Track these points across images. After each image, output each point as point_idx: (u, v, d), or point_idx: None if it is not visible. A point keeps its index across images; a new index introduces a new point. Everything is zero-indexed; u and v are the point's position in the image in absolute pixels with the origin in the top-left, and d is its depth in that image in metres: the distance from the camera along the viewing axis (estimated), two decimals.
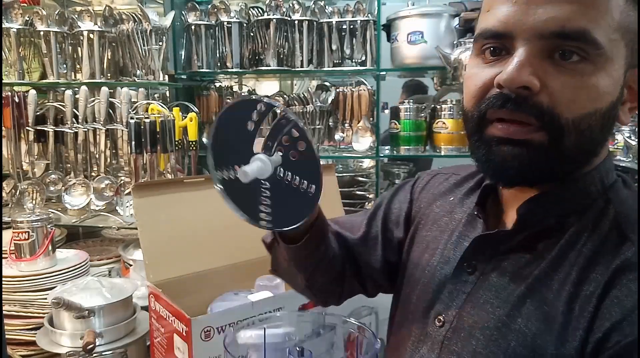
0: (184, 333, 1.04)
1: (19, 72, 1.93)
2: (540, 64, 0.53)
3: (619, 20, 0.52)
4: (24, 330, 1.37)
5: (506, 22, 0.53)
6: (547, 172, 0.56)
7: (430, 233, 0.75)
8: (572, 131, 0.53)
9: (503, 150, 0.55)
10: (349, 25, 2.13)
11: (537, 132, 0.53)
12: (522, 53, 0.52)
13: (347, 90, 2.18)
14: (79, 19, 1.91)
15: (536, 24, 0.52)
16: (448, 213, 0.74)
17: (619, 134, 1.77)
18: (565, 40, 0.51)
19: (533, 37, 0.52)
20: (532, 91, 0.52)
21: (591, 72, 0.52)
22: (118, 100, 1.84)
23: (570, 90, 0.52)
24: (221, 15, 2.14)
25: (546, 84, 0.52)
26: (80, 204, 1.88)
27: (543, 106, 0.52)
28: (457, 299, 0.65)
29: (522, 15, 0.52)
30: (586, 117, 0.53)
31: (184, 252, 1.27)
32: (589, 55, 0.51)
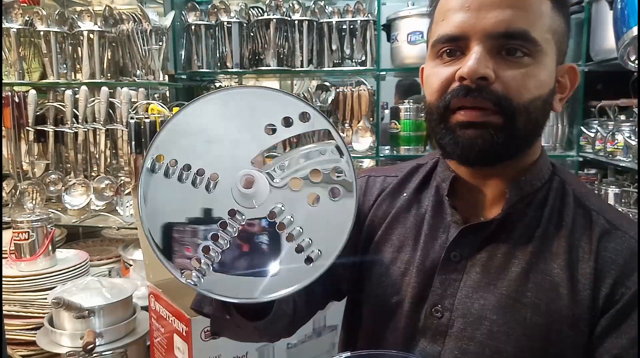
0: (184, 333, 1.04)
1: (19, 72, 1.93)
2: (492, 59, 0.62)
3: (549, 23, 0.64)
4: (24, 330, 1.37)
5: (461, 27, 0.63)
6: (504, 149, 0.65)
7: (393, 232, 0.77)
8: (522, 112, 0.63)
9: (467, 133, 0.64)
10: (349, 25, 2.13)
11: (494, 115, 0.63)
12: (477, 51, 0.62)
13: (347, 90, 2.18)
14: (79, 19, 1.91)
15: (486, 27, 0.62)
16: (406, 210, 0.77)
17: (619, 134, 1.77)
18: (511, 40, 0.62)
19: (484, 38, 0.62)
20: (488, 81, 0.62)
21: (532, 64, 0.63)
22: (118, 100, 1.84)
23: (518, 79, 0.62)
24: (221, 15, 2.14)
25: (499, 75, 0.62)
26: (80, 204, 1.88)
27: (499, 93, 0.62)
28: (451, 287, 0.69)
29: (474, 20, 0.62)
30: (533, 101, 0.63)
31: None
32: (529, 51, 0.62)
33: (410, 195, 0.78)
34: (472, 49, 0.62)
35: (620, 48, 1.31)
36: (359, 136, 2.18)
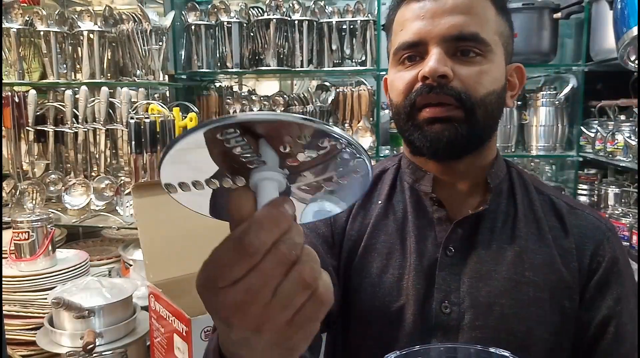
0: (184, 333, 1.04)
1: (19, 72, 1.93)
2: (449, 60, 0.69)
3: (496, 27, 0.71)
4: (24, 330, 1.37)
5: (419, 34, 0.70)
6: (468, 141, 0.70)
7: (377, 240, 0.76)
8: (480, 105, 0.69)
9: (434, 127, 0.70)
10: (349, 25, 2.13)
11: (456, 109, 0.69)
12: (436, 52, 0.69)
13: (347, 90, 2.18)
14: (79, 19, 1.91)
15: (441, 31, 0.69)
16: (384, 217, 0.78)
17: (619, 134, 1.77)
18: (464, 41, 0.69)
19: (440, 41, 0.69)
20: (448, 79, 0.68)
21: (484, 63, 0.70)
22: (118, 100, 1.84)
23: (473, 76, 0.69)
24: (221, 15, 2.14)
25: (456, 73, 0.69)
26: (80, 204, 1.88)
27: (458, 89, 0.68)
28: (453, 282, 0.72)
29: (430, 26, 0.69)
30: (488, 95, 0.70)
31: (184, 252, 1.27)
32: (481, 51, 0.69)
33: (384, 202, 0.79)
34: (430, 52, 0.69)
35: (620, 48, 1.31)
36: (359, 136, 2.18)
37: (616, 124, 1.84)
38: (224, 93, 2.28)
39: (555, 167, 2.39)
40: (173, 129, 1.79)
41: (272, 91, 2.36)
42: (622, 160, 1.72)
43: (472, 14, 0.69)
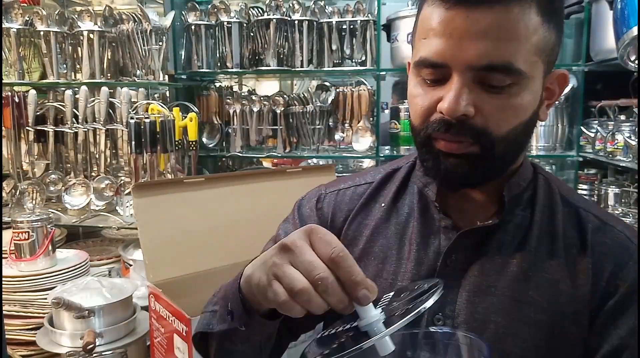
0: (184, 333, 1.04)
1: (19, 72, 1.93)
2: (474, 91, 0.61)
3: (536, 44, 0.61)
4: (24, 330, 1.37)
5: (443, 55, 0.61)
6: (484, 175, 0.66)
7: (374, 244, 0.74)
8: (501, 142, 0.63)
9: (448, 161, 0.64)
10: (349, 25, 2.12)
11: (472, 146, 0.63)
12: (458, 82, 0.60)
13: (347, 90, 2.18)
14: (79, 19, 1.91)
15: (469, 58, 0.59)
16: (385, 221, 0.75)
17: (619, 134, 1.77)
18: (493, 72, 0.60)
19: (467, 69, 0.60)
20: (468, 116, 0.61)
21: (517, 93, 0.61)
22: (118, 100, 1.84)
23: (499, 111, 0.61)
24: (221, 15, 2.14)
25: (480, 108, 0.61)
26: (80, 204, 1.88)
27: (478, 126, 0.62)
28: (450, 294, 0.68)
29: (456, 50, 0.60)
30: (513, 131, 0.63)
31: (184, 252, 1.27)
32: (513, 81, 0.60)
33: (388, 204, 0.76)
34: (453, 79, 0.61)
35: (620, 48, 1.31)
36: (359, 136, 2.18)
37: (616, 124, 1.84)
38: (224, 93, 2.28)
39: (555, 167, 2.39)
40: (173, 129, 1.79)
41: (272, 91, 2.36)
42: (622, 160, 1.72)
43: (507, 38, 0.59)
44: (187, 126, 1.86)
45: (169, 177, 1.79)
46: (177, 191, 1.30)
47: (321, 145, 2.21)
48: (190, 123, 1.86)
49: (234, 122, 2.21)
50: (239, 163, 2.47)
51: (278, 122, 2.18)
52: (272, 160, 2.61)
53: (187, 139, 1.89)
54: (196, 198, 1.32)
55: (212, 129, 2.29)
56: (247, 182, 1.41)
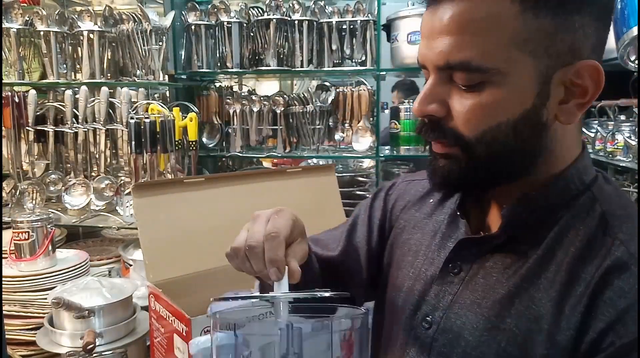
0: (184, 333, 1.04)
1: (19, 72, 1.93)
2: (445, 90, 0.59)
3: (511, 37, 0.54)
4: (24, 330, 1.37)
5: (421, 56, 0.61)
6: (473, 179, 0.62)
7: (412, 237, 0.77)
8: (476, 144, 0.58)
9: (438, 162, 0.63)
10: (349, 25, 2.12)
11: (453, 147, 0.60)
12: (429, 83, 0.60)
13: (347, 90, 2.18)
14: (79, 19, 1.91)
15: (432, 57, 0.58)
16: (429, 216, 0.76)
17: (619, 134, 1.77)
18: (454, 71, 0.57)
19: (435, 69, 0.59)
20: (438, 116, 0.59)
21: (489, 90, 0.56)
22: (118, 100, 1.84)
23: (467, 111, 0.57)
24: (221, 15, 2.14)
25: (450, 107, 0.59)
26: (80, 204, 1.88)
27: (449, 128, 0.59)
28: (444, 300, 0.67)
29: (426, 49, 0.59)
30: (487, 132, 0.57)
31: (184, 252, 1.27)
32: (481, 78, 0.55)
33: (437, 201, 0.77)
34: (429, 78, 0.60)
35: (620, 48, 1.31)
36: (359, 136, 2.18)
37: (616, 124, 1.84)
38: (224, 93, 2.28)
39: None
40: (173, 129, 1.79)
41: (272, 91, 2.36)
42: (622, 160, 1.72)
43: (468, 33, 0.54)
44: (187, 126, 1.86)
45: (169, 177, 1.79)
46: (177, 191, 1.30)
47: (321, 145, 2.21)
48: (190, 123, 1.86)
49: (234, 122, 2.21)
50: (239, 163, 2.47)
51: (278, 122, 2.18)
52: (272, 160, 2.61)
53: (187, 139, 1.89)
54: (196, 198, 1.32)
55: (212, 129, 2.29)
56: (247, 182, 1.41)
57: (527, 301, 0.58)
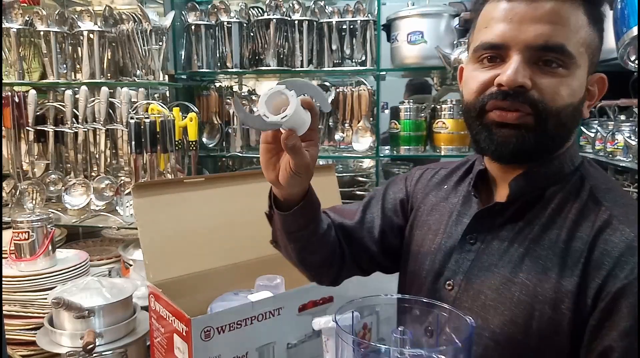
0: (184, 333, 1.04)
1: (19, 72, 1.93)
2: (530, 68, 0.69)
3: (584, 37, 0.70)
4: (24, 330, 1.37)
5: (503, 37, 0.70)
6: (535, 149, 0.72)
7: (431, 218, 0.89)
8: (554, 116, 0.70)
9: (502, 132, 0.72)
10: (349, 25, 2.13)
11: (528, 116, 0.70)
12: (516, 60, 0.69)
13: (347, 90, 2.18)
14: (79, 19, 1.91)
15: (527, 39, 0.68)
16: (444, 199, 0.89)
17: (619, 134, 1.77)
18: (548, 52, 0.68)
19: (524, 49, 0.69)
20: (525, 88, 0.69)
21: (566, 75, 0.70)
22: (118, 100, 1.84)
23: (553, 87, 0.69)
24: (221, 15, 2.14)
25: (535, 82, 0.69)
26: (80, 204, 1.88)
27: (535, 97, 0.69)
28: (463, 266, 0.79)
29: (516, 31, 0.69)
30: (565, 108, 0.70)
31: (184, 252, 1.27)
32: (564, 63, 0.69)
33: (450, 187, 0.90)
34: (511, 57, 0.69)
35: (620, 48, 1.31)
36: (359, 136, 2.18)
37: (616, 124, 1.84)
38: (224, 93, 2.28)
39: None
40: (173, 129, 1.79)
41: None
42: (622, 160, 1.72)
43: (561, 24, 0.68)
44: (187, 126, 1.86)
45: (169, 177, 1.79)
46: (177, 191, 1.30)
47: (321, 145, 2.21)
48: (190, 123, 1.86)
49: (234, 122, 2.21)
50: (239, 163, 2.48)
51: None
52: None
53: (187, 139, 1.89)
54: (196, 198, 1.32)
55: (212, 129, 2.29)
56: (247, 182, 1.41)
57: (536, 258, 0.72)
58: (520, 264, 0.73)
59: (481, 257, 0.78)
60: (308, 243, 0.84)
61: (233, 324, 1.06)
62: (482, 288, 0.76)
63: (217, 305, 1.21)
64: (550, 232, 0.73)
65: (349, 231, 0.92)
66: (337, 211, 0.96)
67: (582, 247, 0.70)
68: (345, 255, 0.91)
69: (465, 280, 0.78)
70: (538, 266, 0.71)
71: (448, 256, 0.82)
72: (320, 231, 0.84)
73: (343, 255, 0.91)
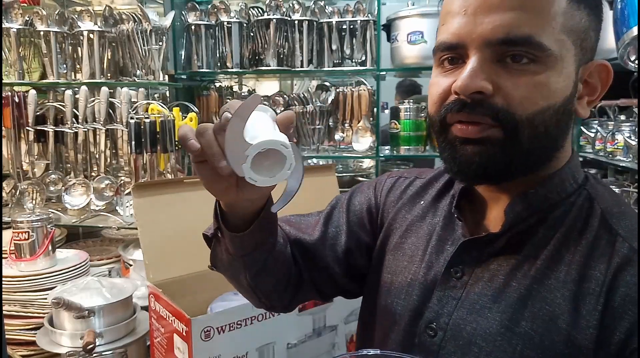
0: (184, 333, 1.04)
1: (19, 72, 1.92)
2: (493, 68, 0.57)
3: (563, 22, 0.56)
4: (24, 330, 1.37)
5: (458, 34, 0.58)
6: (507, 167, 0.59)
7: (406, 240, 0.74)
8: (526, 126, 0.57)
9: (466, 149, 0.59)
10: (349, 25, 2.13)
11: (493, 129, 0.57)
12: (474, 61, 0.57)
13: (347, 90, 2.18)
14: (79, 19, 1.91)
15: (484, 33, 0.56)
16: (421, 219, 0.75)
17: (619, 134, 1.77)
18: (513, 46, 0.55)
19: (483, 46, 0.56)
20: (485, 94, 0.56)
21: (541, 71, 0.56)
22: (118, 100, 1.84)
23: (522, 89, 0.56)
24: (221, 15, 2.14)
25: (500, 86, 0.56)
26: (80, 204, 1.88)
27: (498, 106, 0.56)
28: (448, 305, 0.65)
29: (471, 26, 0.57)
30: (539, 114, 0.57)
31: (184, 252, 1.27)
32: (537, 57, 0.55)
33: (428, 203, 0.75)
34: (470, 58, 0.57)
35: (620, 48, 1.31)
36: (359, 136, 2.18)
37: (616, 124, 1.84)
38: (224, 93, 2.28)
39: None
40: (173, 129, 1.79)
41: (272, 91, 2.36)
42: (622, 160, 1.72)
43: (527, 9, 0.55)
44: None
45: (169, 177, 1.79)
46: (177, 191, 1.30)
47: (321, 145, 2.21)
48: (190, 123, 1.86)
49: None
50: None
51: None
52: None
53: None
54: (196, 198, 1.32)
55: None
56: None
57: (540, 302, 0.58)
58: (521, 309, 0.59)
59: (470, 296, 0.63)
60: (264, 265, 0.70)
61: (233, 324, 1.06)
62: (475, 337, 0.61)
63: (217, 305, 1.21)
64: (558, 269, 0.58)
65: (307, 248, 0.78)
66: (292, 224, 0.81)
67: (597, 290, 0.56)
68: (302, 276, 0.78)
69: (452, 325, 0.63)
70: (544, 313, 0.57)
71: (429, 291, 0.67)
72: (278, 251, 0.72)
73: (299, 276, 0.78)
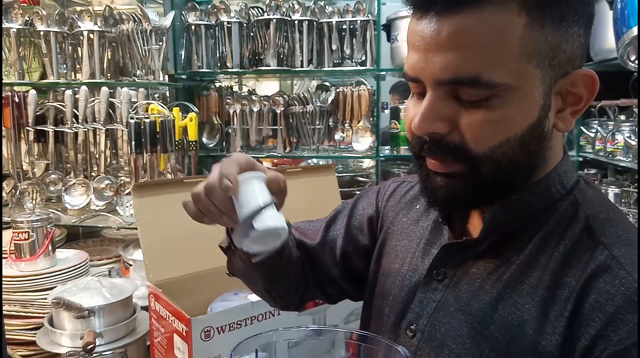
0: (184, 333, 1.04)
1: (19, 72, 1.93)
2: (448, 105, 0.55)
3: (519, 51, 0.52)
4: (24, 330, 1.37)
5: (414, 69, 0.57)
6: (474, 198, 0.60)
7: (399, 243, 0.76)
8: (485, 161, 0.56)
9: (436, 180, 0.60)
10: (349, 25, 2.13)
11: (456, 164, 0.58)
12: (428, 99, 0.56)
13: (347, 90, 2.18)
14: (79, 19, 1.91)
15: (434, 72, 0.54)
16: (415, 222, 0.75)
17: (619, 134, 1.77)
18: (462, 86, 0.54)
19: (435, 84, 0.55)
20: (441, 134, 0.56)
21: (497, 106, 0.54)
22: (118, 100, 1.84)
23: (476, 126, 0.55)
24: (221, 15, 2.14)
25: (455, 123, 0.56)
26: (80, 204, 1.88)
27: (455, 143, 0.56)
28: (428, 307, 0.66)
29: (423, 63, 0.55)
30: (498, 148, 0.55)
31: (184, 252, 1.27)
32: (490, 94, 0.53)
33: (423, 207, 0.75)
34: (428, 92, 0.56)
35: (620, 48, 1.31)
36: (359, 136, 2.18)
37: (616, 124, 1.84)
38: (224, 93, 2.28)
39: None
40: (173, 129, 1.79)
41: (272, 91, 2.36)
42: (622, 160, 1.72)
43: (475, 47, 0.52)
44: (187, 126, 1.86)
45: (169, 177, 1.79)
46: (177, 191, 1.30)
47: (321, 145, 2.21)
48: (190, 123, 1.86)
49: (234, 122, 2.21)
50: None
51: (278, 122, 2.18)
52: (272, 160, 2.61)
53: (187, 139, 1.89)
54: None
55: (212, 129, 2.29)
56: None
57: (511, 307, 0.58)
58: (492, 313, 0.58)
59: (448, 299, 0.64)
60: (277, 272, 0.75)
61: (233, 324, 1.07)
62: (446, 339, 0.62)
63: (217, 305, 1.21)
64: (532, 275, 0.57)
65: (309, 252, 0.82)
66: (301, 230, 0.85)
67: (568, 296, 0.54)
68: (308, 278, 0.82)
69: (429, 326, 0.64)
70: (513, 318, 0.57)
71: (412, 293, 0.68)
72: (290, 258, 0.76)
73: (307, 277, 0.82)
